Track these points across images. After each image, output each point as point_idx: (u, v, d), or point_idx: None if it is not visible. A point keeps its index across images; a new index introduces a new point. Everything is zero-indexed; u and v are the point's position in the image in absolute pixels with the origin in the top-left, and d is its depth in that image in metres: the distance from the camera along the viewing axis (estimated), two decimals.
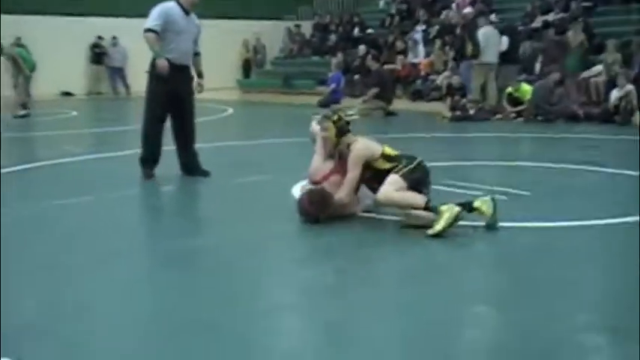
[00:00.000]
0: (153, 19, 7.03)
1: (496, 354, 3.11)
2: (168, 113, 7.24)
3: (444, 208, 4.91)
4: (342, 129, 5.49)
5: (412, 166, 5.26)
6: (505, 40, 14.07)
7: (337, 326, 3.39)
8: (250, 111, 17.97)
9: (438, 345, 3.13)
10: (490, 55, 13.79)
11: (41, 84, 18.32)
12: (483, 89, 13.92)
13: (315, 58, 22.87)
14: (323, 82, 18.54)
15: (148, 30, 7.01)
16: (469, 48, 13.64)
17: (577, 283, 3.99)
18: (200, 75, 7.63)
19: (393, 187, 5.12)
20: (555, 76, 12.84)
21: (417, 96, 17.29)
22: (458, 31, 15.96)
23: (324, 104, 16.24)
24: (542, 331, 3.25)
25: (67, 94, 22.21)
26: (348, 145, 5.41)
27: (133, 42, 15.39)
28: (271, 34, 25.49)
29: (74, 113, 16.07)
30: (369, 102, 14.55)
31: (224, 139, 10.27)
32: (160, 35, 7.00)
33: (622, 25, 15.40)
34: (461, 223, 4.92)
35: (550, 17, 16.69)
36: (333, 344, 3.21)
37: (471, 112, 13.08)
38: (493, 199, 5.08)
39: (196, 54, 7.45)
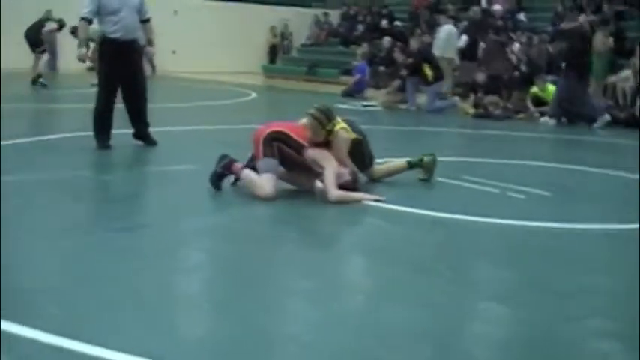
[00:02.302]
0: (85, 7, 7.43)
1: (501, 349, 3.08)
2: (119, 87, 7.63)
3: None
4: (329, 133, 5.72)
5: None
6: (464, 38, 15.98)
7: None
8: (273, 96, 17.94)
9: (447, 337, 3.10)
10: (450, 52, 15.45)
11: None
12: None
13: (341, 48, 22.78)
14: (348, 72, 18.45)
15: (81, 18, 7.48)
16: (429, 73, 13.61)
17: (590, 286, 3.94)
18: (150, 42, 8.04)
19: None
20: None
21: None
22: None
23: (347, 94, 16.20)
24: (550, 332, 3.21)
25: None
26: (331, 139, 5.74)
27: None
28: (299, 22, 25.44)
29: None
30: (392, 94, 14.45)
31: (243, 122, 10.27)
32: (99, 19, 7.44)
33: None
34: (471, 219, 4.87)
35: (580, 19, 16.48)
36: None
37: (496, 111, 12.96)
38: (433, 157, 6.31)
39: (144, 21, 7.77)
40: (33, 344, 2.83)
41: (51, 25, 16.53)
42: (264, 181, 5.50)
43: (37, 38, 15.84)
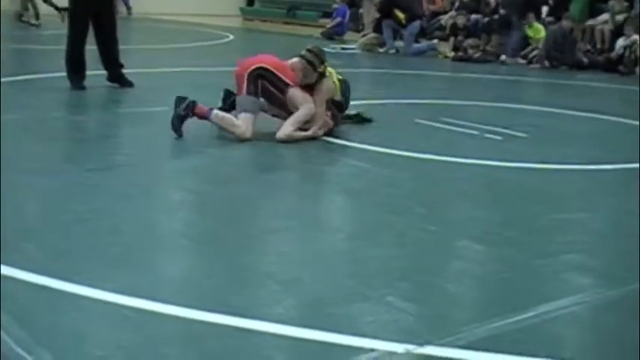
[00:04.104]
0: None
1: (479, 287, 3.10)
2: (90, 30, 7.54)
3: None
4: (321, 75, 5.62)
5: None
6: None
7: None
8: (251, 38, 17.71)
9: (425, 275, 3.11)
10: None
11: None
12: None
13: None
14: (328, 15, 18.22)
15: None
16: (400, 16, 13.58)
17: (567, 224, 3.97)
18: None
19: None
20: (567, 23, 12.57)
21: (420, 34, 16.98)
22: None
23: (327, 36, 16.03)
24: (527, 266, 3.24)
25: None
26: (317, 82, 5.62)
27: None
28: None
29: None
30: (369, 37, 14.32)
31: (220, 64, 10.14)
32: None
33: None
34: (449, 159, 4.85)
35: None
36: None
37: (476, 55, 12.89)
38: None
39: None
40: (14, 283, 2.80)
41: None
42: (242, 121, 5.42)
43: None
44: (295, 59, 5.68)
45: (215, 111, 5.47)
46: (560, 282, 3.11)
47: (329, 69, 5.73)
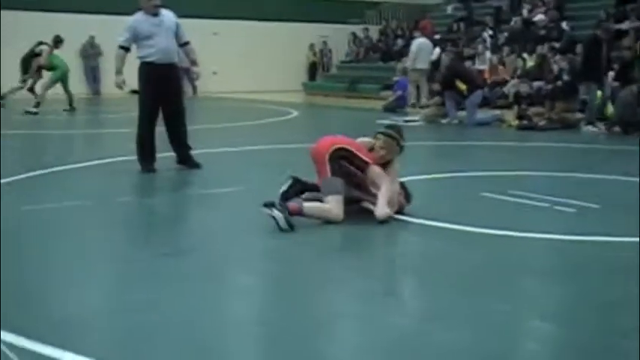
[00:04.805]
0: (121, 35, 7.68)
1: None
2: (160, 112, 7.73)
3: None
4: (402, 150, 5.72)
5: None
6: (437, 50, 18.25)
7: None
8: (315, 113, 17.95)
9: (499, 357, 3.02)
10: (422, 63, 17.18)
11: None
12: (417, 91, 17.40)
13: (381, 63, 22.75)
14: (388, 87, 18.41)
15: (119, 47, 7.68)
16: (462, 87, 13.63)
17: None
18: (194, 63, 8.12)
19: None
20: (634, 87, 12.39)
21: (484, 103, 16.98)
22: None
23: (389, 109, 16.16)
24: (603, 346, 3.13)
25: None
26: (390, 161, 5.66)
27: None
28: (338, 38, 25.51)
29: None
30: (433, 108, 14.36)
31: (286, 141, 10.27)
32: (136, 45, 7.62)
33: None
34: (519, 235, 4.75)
35: (624, 26, 16.22)
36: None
37: (541, 122, 12.78)
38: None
39: (183, 45, 7.91)
40: None
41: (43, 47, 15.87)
42: (333, 204, 5.36)
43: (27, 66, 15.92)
44: (367, 139, 5.71)
45: (305, 204, 5.36)
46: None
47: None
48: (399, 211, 5.60)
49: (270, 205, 5.10)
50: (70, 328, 3.24)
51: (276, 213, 5.06)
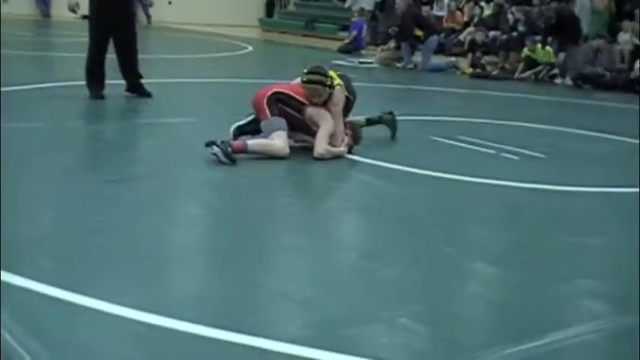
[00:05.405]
0: None
1: (493, 310, 3.09)
2: (110, 40, 7.59)
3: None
4: (332, 88, 5.61)
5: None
6: None
7: None
8: (270, 50, 17.78)
9: (442, 295, 3.10)
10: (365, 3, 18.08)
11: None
12: None
13: (339, 3, 22.50)
14: (346, 28, 18.27)
15: None
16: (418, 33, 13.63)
17: (581, 248, 3.95)
18: None
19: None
20: (598, 42, 12.54)
21: (439, 50, 17.00)
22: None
23: (345, 50, 16.07)
24: (542, 291, 3.22)
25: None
26: (330, 95, 5.61)
27: None
28: None
29: None
30: (388, 51, 14.33)
31: (239, 76, 10.18)
32: None
33: None
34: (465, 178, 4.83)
35: None
36: None
37: (494, 72, 12.88)
38: (392, 115, 6.38)
39: None
40: (27, 294, 2.81)
41: None
42: (278, 139, 5.37)
43: None
44: (300, 78, 5.68)
45: (249, 141, 5.37)
46: (575, 308, 3.10)
47: (337, 80, 5.72)
48: (348, 152, 5.63)
49: (211, 143, 5.10)
50: (18, 252, 3.21)
51: (215, 149, 5.06)
